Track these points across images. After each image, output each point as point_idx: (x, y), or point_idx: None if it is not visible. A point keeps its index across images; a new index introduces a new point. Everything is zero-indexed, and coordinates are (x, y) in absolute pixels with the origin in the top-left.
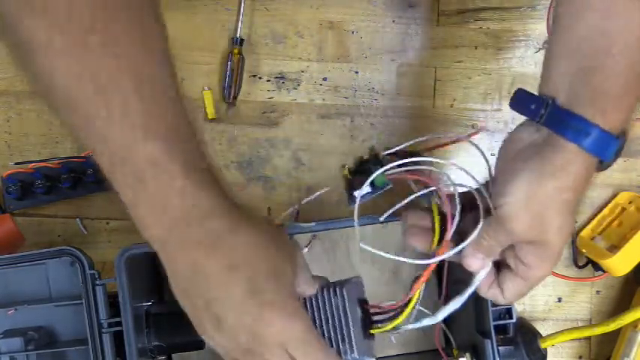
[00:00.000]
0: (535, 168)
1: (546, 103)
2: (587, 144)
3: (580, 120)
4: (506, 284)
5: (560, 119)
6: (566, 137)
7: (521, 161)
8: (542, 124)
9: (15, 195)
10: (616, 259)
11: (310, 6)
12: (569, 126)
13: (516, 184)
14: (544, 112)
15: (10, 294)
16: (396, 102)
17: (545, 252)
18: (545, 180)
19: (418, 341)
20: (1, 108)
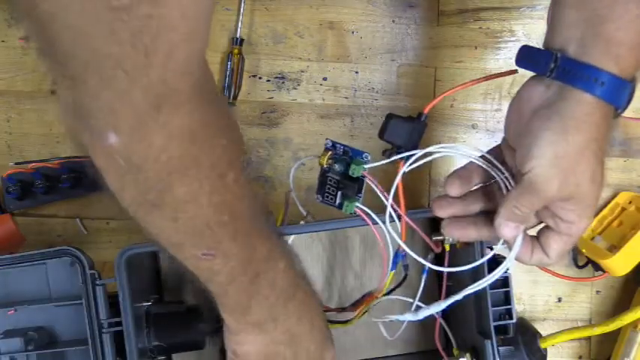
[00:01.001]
0: (556, 126)
1: (555, 56)
2: (602, 93)
3: (593, 69)
4: (550, 245)
5: (572, 71)
6: (581, 88)
7: (539, 121)
8: (553, 78)
9: (15, 195)
10: (616, 259)
11: (310, 6)
12: (583, 77)
13: (541, 145)
14: (554, 66)
15: (10, 294)
16: (396, 102)
17: (583, 205)
18: (569, 136)
19: (418, 341)
20: (1, 108)
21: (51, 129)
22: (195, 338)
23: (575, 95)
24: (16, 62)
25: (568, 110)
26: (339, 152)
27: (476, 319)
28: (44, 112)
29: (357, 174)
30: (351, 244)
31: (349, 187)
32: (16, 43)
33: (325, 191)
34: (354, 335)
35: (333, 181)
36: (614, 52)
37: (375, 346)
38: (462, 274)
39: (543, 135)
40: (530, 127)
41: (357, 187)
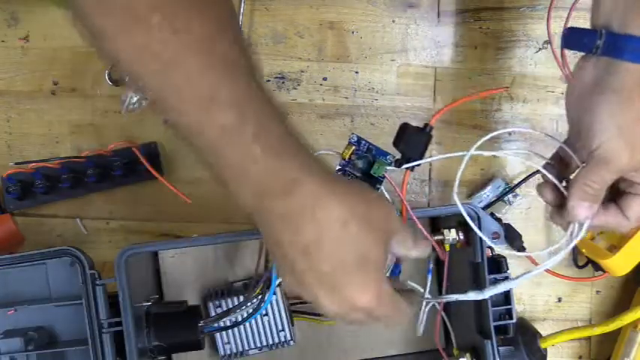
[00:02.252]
0: (611, 99)
1: (600, 33)
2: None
3: (637, 40)
4: (631, 207)
5: (618, 45)
6: (627, 59)
7: (595, 99)
8: (600, 54)
9: (15, 195)
10: (616, 259)
11: (310, 6)
12: (628, 48)
13: (602, 120)
14: (600, 43)
15: (10, 294)
16: (396, 102)
17: None
18: (626, 107)
19: (418, 341)
20: (1, 108)
21: (51, 129)
22: (196, 338)
23: (623, 67)
24: (16, 62)
25: (619, 83)
26: (363, 149)
27: (476, 319)
28: (44, 112)
29: (379, 174)
30: None
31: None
32: (16, 43)
33: None
34: (354, 335)
35: (351, 176)
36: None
37: (375, 346)
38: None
39: (602, 110)
40: (588, 106)
41: (375, 186)
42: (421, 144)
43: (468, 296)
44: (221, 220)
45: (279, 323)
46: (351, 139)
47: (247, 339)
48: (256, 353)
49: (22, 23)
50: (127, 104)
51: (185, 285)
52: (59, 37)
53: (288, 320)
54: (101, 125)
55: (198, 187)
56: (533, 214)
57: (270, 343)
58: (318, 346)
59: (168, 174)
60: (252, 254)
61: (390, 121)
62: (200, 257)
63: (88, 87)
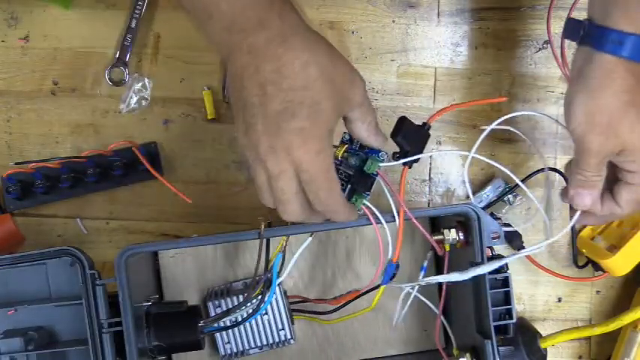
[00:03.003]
0: (582, 88)
1: (584, 24)
2: (623, 52)
3: (613, 32)
4: (620, 194)
5: (596, 35)
6: (603, 50)
7: (574, 86)
8: (582, 44)
9: (15, 195)
10: (616, 259)
11: (310, 6)
12: (603, 39)
13: (574, 108)
14: (582, 33)
15: (10, 294)
16: (396, 102)
17: (636, 154)
18: (595, 94)
19: (418, 341)
20: (1, 108)
21: (51, 129)
22: (195, 338)
23: (598, 57)
24: (16, 62)
25: (593, 71)
26: (355, 147)
27: (476, 319)
28: (44, 112)
29: (371, 170)
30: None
31: (360, 183)
32: (16, 43)
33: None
34: (354, 335)
35: (345, 174)
36: (631, 14)
37: (375, 346)
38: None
39: (576, 97)
40: (569, 93)
41: (368, 184)
42: (420, 141)
43: (450, 277)
44: (221, 220)
45: (279, 322)
46: (343, 138)
47: (247, 338)
48: (257, 352)
49: (22, 23)
50: (127, 104)
51: (185, 285)
52: (59, 37)
53: (288, 319)
54: (101, 125)
55: (198, 187)
56: (533, 214)
57: (271, 342)
58: (318, 346)
59: (168, 174)
60: (252, 254)
61: (390, 121)
62: (200, 257)
63: (88, 87)
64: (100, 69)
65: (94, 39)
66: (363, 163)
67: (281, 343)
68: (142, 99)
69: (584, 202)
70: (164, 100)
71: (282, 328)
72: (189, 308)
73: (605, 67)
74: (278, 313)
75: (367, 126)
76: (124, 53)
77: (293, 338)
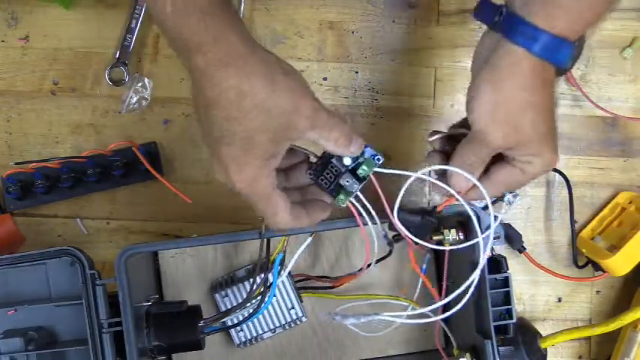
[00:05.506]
0: (490, 78)
1: (501, 10)
2: (536, 49)
3: (529, 26)
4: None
5: (511, 25)
6: (516, 42)
7: (481, 73)
8: (496, 30)
9: (15, 195)
10: (616, 259)
11: (310, 6)
12: (518, 31)
13: (479, 97)
14: (498, 19)
15: (10, 294)
16: (396, 102)
17: (532, 150)
18: (501, 86)
19: (418, 341)
20: (1, 108)
21: (51, 129)
22: (195, 338)
23: (507, 47)
24: (16, 62)
25: (502, 61)
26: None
27: (476, 319)
28: (44, 112)
29: (364, 175)
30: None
31: (349, 183)
32: (16, 43)
33: (322, 175)
34: (354, 335)
35: (335, 169)
36: (549, 11)
37: (375, 346)
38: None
39: (482, 86)
40: (475, 79)
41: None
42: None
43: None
44: (221, 220)
45: (289, 302)
46: None
47: (260, 323)
48: (270, 336)
49: (22, 23)
50: (127, 104)
51: (185, 285)
52: (59, 37)
53: (297, 297)
54: (101, 125)
55: (198, 187)
56: (533, 214)
57: (283, 323)
58: (318, 346)
59: (168, 174)
60: (253, 254)
61: (391, 121)
62: (200, 257)
63: (88, 87)
64: (100, 69)
65: (94, 39)
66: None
67: (293, 322)
68: (142, 99)
69: (460, 185)
70: (164, 100)
71: (292, 307)
72: (189, 308)
73: (513, 59)
74: (286, 293)
75: (334, 142)
76: (124, 53)
77: (305, 315)
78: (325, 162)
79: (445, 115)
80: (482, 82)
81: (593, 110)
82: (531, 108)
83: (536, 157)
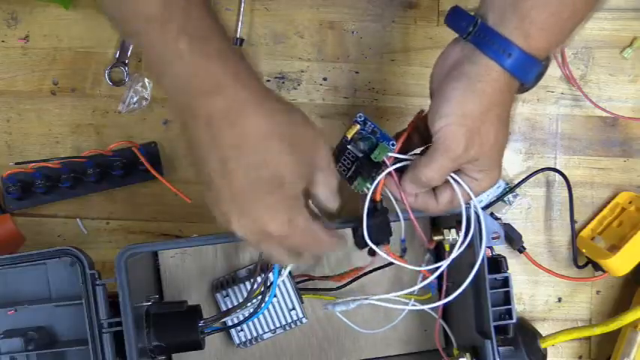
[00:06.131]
0: (464, 87)
1: (476, 22)
2: (508, 64)
3: (504, 40)
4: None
5: (486, 38)
6: (488, 55)
7: (450, 81)
8: (469, 40)
9: (15, 195)
10: (616, 259)
11: (310, 6)
12: (493, 45)
13: (450, 104)
14: (472, 30)
15: (10, 294)
16: (396, 102)
17: (488, 164)
18: (476, 97)
19: (418, 341)
20: (1, 108)
21: (51, 129)
22: (195, 338)
23: (484, 61)
24: (16, 62)
25: (476, 73)
26: (368, 130)
27: (476, 319)
28: (44, 112)
29: (378, 159)
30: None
31: (365, 168)
32: (16, 43)
33: (340, 162)
34: (354, 335)
35: (352, 155)
36: (525, 28)
37: (375, 346)
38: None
39: (452, 94)
40: (441, 86)
41: (374, 170)
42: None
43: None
44: None
45: (290, 302)
46: (357, 118)
47: (260, 324)
48: (270, 336)
49: (22, 23)
50: (127, 104)
51: (185, 285)
52: (59, 37)
53: (298, 298)
54: (101, 125)
55: (198, 187)
56: (533, 214)
57: (284, 324)
58: (318, 346)
59: (168, 174)
60: (253, 254)
61: (390, 121)
62: (200, 257)
63: (88, 87)
64: (100, 69)
65: (94, 39)
66: (372, 148)
67: (293, 323)
68: (142, 99)
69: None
70: (164, 100)
71: (292, 308)
72: (189, 308)
73: (484, 71)
74: (287, 294)
75: (329, 190)
76: (124, 53)
77: (305, 317)
78: (342, 149)
79: None
80: (456, 90)
81: (593, 110)
82: (495, 122)
83: (486, 173)
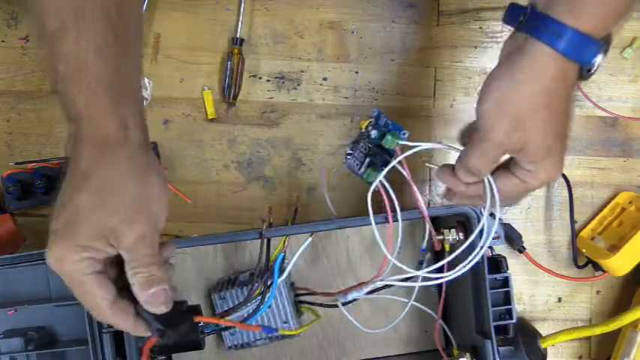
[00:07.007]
0: (508, 73)
1: (526, 10)
2: (560, 46)
3: (553, 22)
4: (501, 181)
5: (536, 23)
6: (540, 39)
7: (498, 69)
8: (521, 30)
9: (15, 195)
10: (616, 259)
11: (310, 6)
12: (543, 28)
13: (490, 90)
14: (522, 19)
15: (10, 294)
16: (396, 102)
17: (537, 157)
18: (518, 84)
19: (418, 341)
20: (1, 108)
21: (51, 129)
22: (196, 338)
23: (534, 47)
24: (16, 62)
25: (523, 60)
26: (381, 123)
27: (476, 319)
28: (44, 112)
29: (388, 146)
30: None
31: (377, 157)
32: (16, 43)
33: (355, 155)
34: (354, 335)
35: (366, 147)
36: (577, 8)
37: (375, 346)
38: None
39: (494, 82)
40: (489, 75)
41: (385, 158)
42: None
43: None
44: (221, 220)
45: (283, 315)
46: (372, 113)
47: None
48: (262, 344)
49: (22, 23)
50: None
51: (185, 285)
52: None
53: (291, 312)
54: None
55: (198, 187)
56: (533, 214)
57: (275, 335)
58: (318, 346)
59: (169, 174)
60: (253, 254)
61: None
62: (200, 257)
63: None
64: None
65: None
66: (383, 137)
67: (285, 335)
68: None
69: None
70: (164, 100)
71: (285, 321)
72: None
73: (537, 58)
74: (282, 306)
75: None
76: None
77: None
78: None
79: (445, 115)
80: (499, 77)
81: (593, 110)
82: (544, 111)
83: (538, 165)
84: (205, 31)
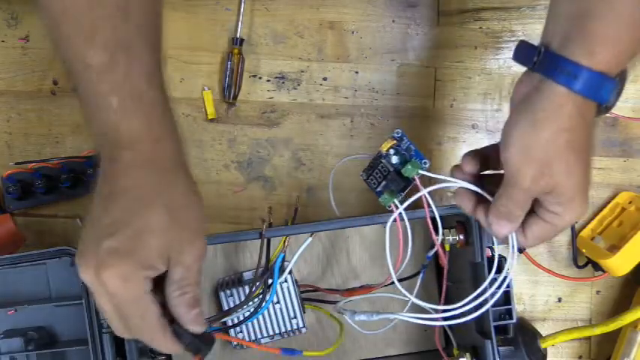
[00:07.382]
0: (527, 117)
1: (540, 50)
2: (576, 86)
3: (569, 63)
4: (531, 227)
5: (550, 63)
6: (555, 80)
7: (515, 114)
8: (535, 70)
9: (15, 195)
10: (616, 259)
11: (310, 6)
12: (559, 70)
13: (513, 136)
14: (537, 59)
15: (10, 294)
16: (396, 102)
17: (564, 198)
18: (538, 127)
19: (418, 341)
20: (1, 108)
21: (50, 129)
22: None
23: (550, 88)
24: (16, 62)
25: (540, 102)
26: (403, 147)
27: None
28: (44, 112)
29: (408, 174)
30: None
31: (395, 182)
32: (16, 43)
33: (372, 174)
34: (354, 335)
35: (384, 169)
36: (591, 47)
37: (375, 346)
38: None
39: (517, 125)
40: (510, 118)
41: (403, 186)
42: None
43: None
44: (221, 220)
45: (291, 310)
46: (395, 134)
47: (260, 328)
48: (268, 342)
49: (22, 23)
50: None
51: None
52: None
53: (300, 307)
54: None
55: (198, 187)
56: None
57: (283, 331)
58: (319, 347)
59: None
60: (253, 254)
61: (390, 121)
62: None
63: None
64: None
65: None
66: (404, 164)
67: (292, 332)
68: None
69: (501, 232)
70: None
71: (294, 316)
72: None
73: (554, 99)
74: (290, 302)
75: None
76: None
77: (305, 326)
78: (375, 162)
79: (445, 115)
80: (519, 121)
81: None
82: (568, 151)
83: (567, 206)
84: (205, 31)
